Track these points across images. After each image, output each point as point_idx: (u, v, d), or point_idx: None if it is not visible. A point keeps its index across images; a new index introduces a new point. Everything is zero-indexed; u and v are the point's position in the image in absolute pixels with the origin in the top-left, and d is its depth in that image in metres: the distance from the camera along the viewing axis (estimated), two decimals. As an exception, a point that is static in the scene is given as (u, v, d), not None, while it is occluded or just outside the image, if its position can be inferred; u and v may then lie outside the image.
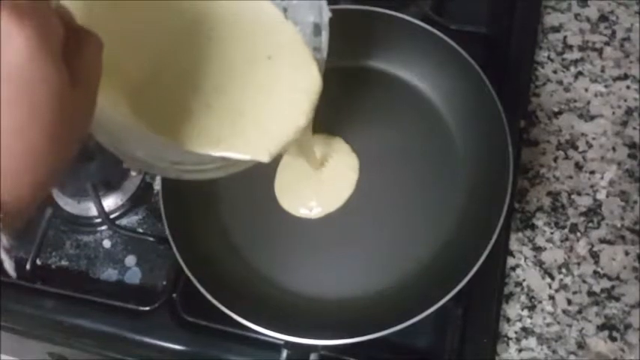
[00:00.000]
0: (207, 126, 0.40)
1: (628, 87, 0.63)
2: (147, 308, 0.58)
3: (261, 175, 0.60)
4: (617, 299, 0.55)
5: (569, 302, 0.55)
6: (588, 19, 0.67)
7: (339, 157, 0.61)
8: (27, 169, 0.26)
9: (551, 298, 0.55)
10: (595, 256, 0.57)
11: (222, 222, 0.59)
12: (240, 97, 0.41)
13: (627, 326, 0.54)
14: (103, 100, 0.34)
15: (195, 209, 0.58)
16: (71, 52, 0.28)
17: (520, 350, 0.54)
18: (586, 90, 0.63)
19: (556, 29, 0.67)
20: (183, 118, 0.40)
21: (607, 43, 0.65)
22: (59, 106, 0.26)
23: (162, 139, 0.40)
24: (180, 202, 0.56)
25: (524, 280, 0.56)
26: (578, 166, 0.60)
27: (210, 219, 0.59)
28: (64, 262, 0.63)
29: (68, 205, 0.64)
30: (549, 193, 0.59)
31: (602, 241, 0.57)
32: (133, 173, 0.64)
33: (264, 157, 0.41)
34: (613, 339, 0.54)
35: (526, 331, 0.55)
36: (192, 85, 0.41)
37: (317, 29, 0.43)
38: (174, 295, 0.58)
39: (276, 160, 0.61)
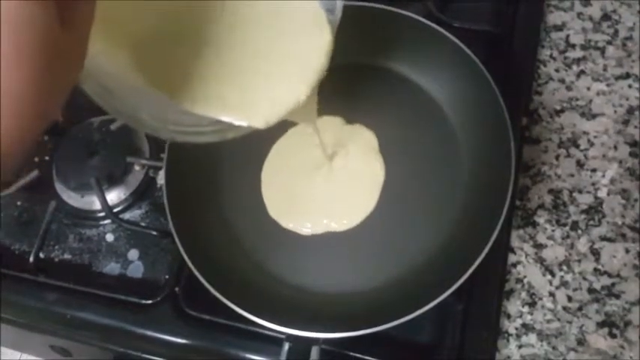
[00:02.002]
0: (209, 87, 0.39)
1: (630, 86, 0.63)
2: (149, 302, 0.58)
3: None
4: (618, 296, 0.55)
5: (570, 299, 0.55)
6: (591, 18, 0.67)
7: (359, 155, 0.59)
8: (12, 114, 0.24)
9: (552, 294, 0.56)
10: (596, 253, 0.57)
11: (224, 216, 0.59)
12: (246, 60, 0.40)
13: (627, 323, 0.54)
14: (103, 52, 0.33)
15: (199, 203, 0.58)
16: None
17: (520, 346, 0.54)
18: (588, 88, 0.64)
19: (559, 28, 0.67)
20: (186, 77, 0.39)
21: (609, 42, 0.66)
22: (47, 50, 0.24)
23: (161, 97, 0.38)
24: (184, 195, 0.56)
25: (524, 276, 0.57)
26: (580, 164, 0.60)
27: (213, 213, 0.59)
28: (66, 256, 0.63)
29: (71, 198, 0.64)
30: (551, 191, 0.60)
31: (603, 238, 0.57)
32: (137, 168, 0.65)
33: (262, 123, 0.39)
34: (613, 336, 0.54)
35: (526, 328, 0.55)
36: (198, 44, 0.39)
37: None
38: (176, 288, 0.58)
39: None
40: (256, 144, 0.61)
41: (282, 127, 0.61)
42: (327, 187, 0.59)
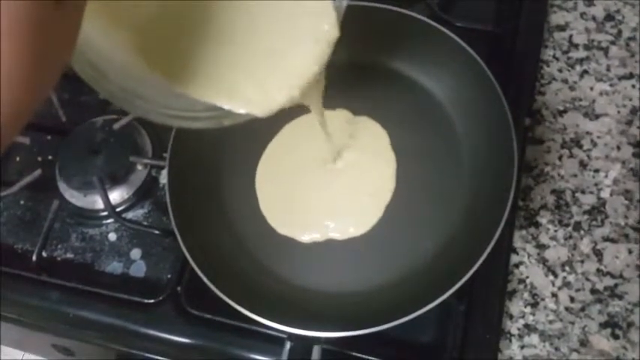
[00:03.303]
0: (208, 72, 0.38)
1: (633, 86, 0.63)
2: (151, 301, 0.58)
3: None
4: (620, 297, 0.55)
5: (572, 300, 0.55)
6: (594, 18, 0.67)
7: (369, 153, 0.58)
8: (5, 90, 0.24)
9: (554, 295, 0.56)
10: (598, 254, 0.57)
11: (227, 215, 0.59)
12: (248, 47, 0.39)
13: (630, 324, 0.54)
14: (103, 33, 0.32)
15: (201, 203, 0.58)
16: None
17: (522, 347, 0.54)
18: (591, 89, 0.64)
19: (562, 28, 0.67)
20: (186, 61, 0.38)
21: (613, 42, 0.65)
22: (39, 26, 0.25)
23: (156, 80, 0.38)
24: (186, 195, 0.56)
25: (527, 277, 0.57)
26: (583, 165, 0.60)
27: (216, 212, 0.59)
28: (69, 255, 0.63)
29: (74, 198, 0.64)
30: (553, 191, 0.60)
31: (606, 239, 0.57)
32: (139, 167, 0.65)
33: (261, 111, 0.39)
34: (615, 337, 0.54)
35: (529, 328, 0.55)
36: (201, 30, 0.39)
37: None
38: (178, 288, 0.58)
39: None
40: (259, 143, 0.61)
41: (280, 124, 0.61)
42: (330, 189, 0.59)
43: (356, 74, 0.61)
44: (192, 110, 0.39)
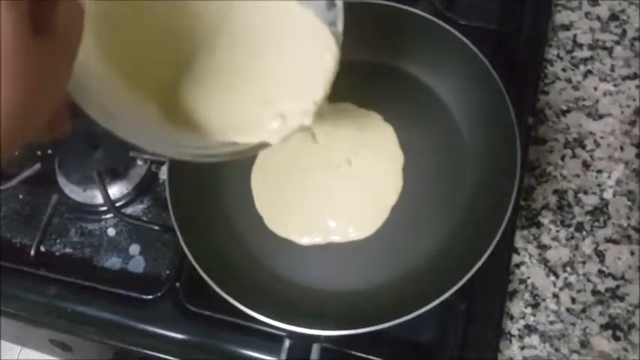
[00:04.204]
0: (219, 112, 0.40)
1: (637, 86, 0.63)
2: (150, 297, 0.58)
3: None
4: (622, 299, 0.55)
5: (573, 301, 0.55)
6: (599, 18, 0.66)
7: (376, 154, 0.58)
8: None
9: (555, 296, 0.55)
10: (600, 255, 0.56)
11: (226, 212, 0.59)
12: (254, 83, 0.41)
13: (631, 326, 0.54)
14: (117, 86, 0.34)
15: (201, 199, 0.58)
16: (43, 5, 0.27)
17: (523, 347, 0.54)
18: (595, 89, 0.63)
19: (566, 27, 0.66)
20: (203, 108, 0.40)
21: (617, 42, 0.65)
22: (18, 57, 0.25)
23: (169, 126, 0.40)
24: (186, 191, 0.56)
25: (528, 277, 0.56)
26: (586, 165, 0.60)
27: (216, 209, 0.59)
28: (68, 250, 0.63)
29: (73, 192, 0.64)
30: (556, 191, 0.59)
31: (608, 240, 0.57)
32: (139, 162, 0.64)
33: (275, 139, 0.41)
34: (616, 338, 0.53)
35: (529, 329, 0.54)
36: (214, 75, 0.40)
37: (331, 3, 0.42)
38: (177, 284, 0.58)
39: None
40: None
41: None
42: (332, 189, 0.58)
43: (358, 71, 0.61)
44: (207, 147, 0.41)
